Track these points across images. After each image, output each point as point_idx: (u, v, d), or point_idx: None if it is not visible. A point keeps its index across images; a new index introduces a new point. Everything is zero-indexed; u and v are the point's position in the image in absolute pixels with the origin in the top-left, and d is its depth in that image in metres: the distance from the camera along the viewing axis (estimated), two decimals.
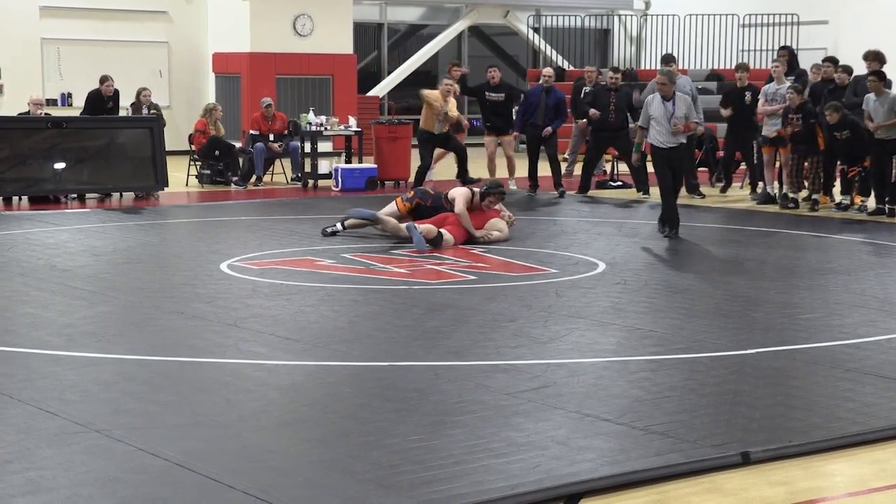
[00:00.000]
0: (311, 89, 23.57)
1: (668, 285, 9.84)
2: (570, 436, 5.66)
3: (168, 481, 5.02)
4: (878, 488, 5.16)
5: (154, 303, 8.93)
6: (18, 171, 15.93)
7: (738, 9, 26.99)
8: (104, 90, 17.37)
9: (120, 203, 16.00)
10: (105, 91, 17.37)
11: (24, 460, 5.25)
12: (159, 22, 23.70)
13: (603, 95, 16.90)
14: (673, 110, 12.56)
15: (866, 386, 6.63)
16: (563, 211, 15.24)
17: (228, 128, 20.42)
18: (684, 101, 12.78)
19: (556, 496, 4.93)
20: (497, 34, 29.97)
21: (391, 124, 18.50)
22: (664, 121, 12.54)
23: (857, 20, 24.87)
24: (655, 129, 12.62)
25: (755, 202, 15.97)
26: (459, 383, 6.58)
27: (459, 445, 5.49)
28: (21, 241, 12.14)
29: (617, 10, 29.77)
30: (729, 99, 16.42)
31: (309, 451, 5.48)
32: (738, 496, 5.00)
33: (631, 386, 6.61)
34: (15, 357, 7.19)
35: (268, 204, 16.03)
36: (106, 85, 17.41)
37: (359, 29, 26.10)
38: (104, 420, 5.84)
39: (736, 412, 6.07)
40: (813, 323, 8.38)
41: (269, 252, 11.43)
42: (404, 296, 9.22)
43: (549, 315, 8.49)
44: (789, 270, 10.65)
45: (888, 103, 13.99)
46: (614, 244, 12.16)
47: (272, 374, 6.86)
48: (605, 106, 16.73)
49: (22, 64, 22.23)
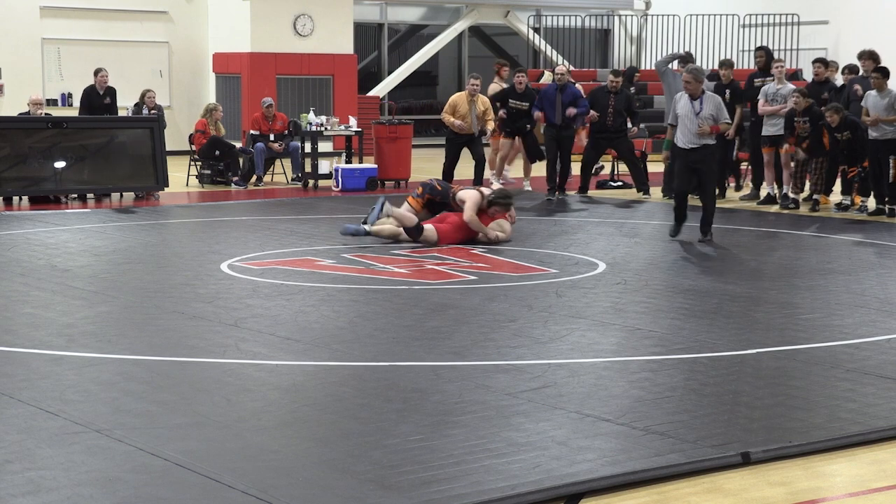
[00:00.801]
0: (312, 89, 23.57)
1: (668, 285, 9.84)
2: (570, 436, 5.66)
3: (168, 481, 5.02)
4: (879, 489, 5.16)
5: (154, 303, 8.94)
6: (19, 171, 15.94)
7: (738, 9, 27.00)
8: (98, 81, 17.39)
9: (120, 203, 16.01)
10: (100, 82, 17.39)
11: (25, 460, 5.25)
12: (159, 22, 23.71)
13: (602, 97, 16.85)
14: (700, 109, 12.10)
15: (866, 386, 6.63)
16: (563, 211, 15.24)
17: (229, 128, 20.44)
18: (712, 100, 12.26)
19: (556, 496, 4.93)
20: (497, 34, 29.98)
21: (391, 124, 18.51)
22: (688, 120, 12.15)
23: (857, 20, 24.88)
24: (679, 128, 12.27)
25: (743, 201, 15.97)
26: (460, 383, 6.58)
27: (460, 445, 5.49)
28: (21, 241, 12.14)
29: (617, 10, 29.78)
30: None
31: (309, 451, 5.48)
32: (738, 496, 5.00)
33: (631, 386, 6.61)
34: (15, 357, 7.19)
35: (268, 204, 16.03)
36: (100, 76, 17.43)
37: (359, 29, 26.10)
38: (104, 420, 5.84)
39: (736, 412, 6.08)
40: (813, 323, 8.38)
41: (269, 252, 11.44)
42: (405, 296, 9.22)
43: (550, 315, 8.49)
44: (789, 270, 10.66)
45: (889, 99, 14.00)
46: (614, 244, 12.16)
47: (272, 374, 6.86)
48: (603, 108, 16.70)
49: (22, 64, 22.24)
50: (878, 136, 14.11)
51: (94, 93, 17.38)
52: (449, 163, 16.92)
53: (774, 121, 15.42)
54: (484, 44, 30.09)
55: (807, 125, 14.85)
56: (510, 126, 17.33)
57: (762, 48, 16.90)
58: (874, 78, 14.27)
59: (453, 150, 16.90)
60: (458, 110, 16.68)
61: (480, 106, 16.76)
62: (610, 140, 16.92)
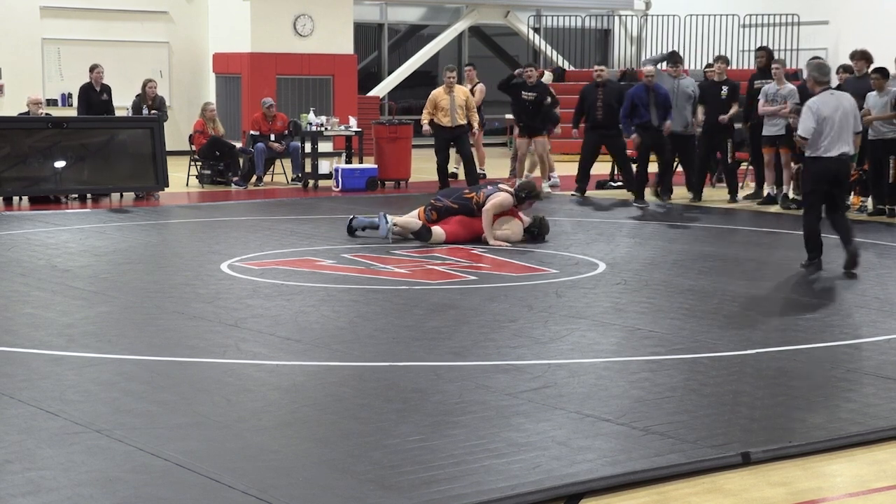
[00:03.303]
0: (312, 89, 23.57)
1: (668, 285, 9.84)
2: (570, 436, 5.66)
3: (168, 481, 5.02)
4: (879, 489, 5.16)
5: (154, 303, 8.94)
6: (19, 171, 15.94)
7: (738, 9, 26.99)
8: (94, 78, 17.41)
9: (120, 203, 16.01)
10: (96, 79, 17.41)
11: (25, 460, 5.25)
12: (159, 22, 23.70)
13: (590, 93, 16.77)
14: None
15: (866, 386, 6.63)
16: (563, 211, 15.24)
17: (229, 128, 20.43)
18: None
19: (556, 496, 4.93)
20: (497, 34, 29.96)
21: (391, 124, 18.50)
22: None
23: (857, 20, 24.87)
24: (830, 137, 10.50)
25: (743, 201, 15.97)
26: (460, 383, 6.58)
27: (460, 445, 5.49)
28: (21, 241, 12.14)
29: (617, 10, 29.76)
30: (706, 94, 16.27)
31: (309, 451, 5.48)
32: (739, 496, 5.01)
33: (631, 386, 6.61)
34: (15, 357, 7.19)
35: (268, 204, 16.03)
36: (96, 72, 17.45)
37: (359, 29, 26.09)
38: (104, 420, 5.84)
39: (736, 412, 6.08)
40: (813, 323, 8.38)
41: (269, 252, 11.44)
42: (405, 296, 9.22)
43: (550, 315, 8.49)
44: (789, 270, 10.65)
45: (889, 98, 14.00)
46: (614, 244, 12.16)
47: (273, 374, 6.86)
48: (592, 102, 16.61)
49: (22, 64, 22.23)
50: (877, 137, 14.11)
51: (91, 89, 17.41)
52: (442, 160, 16.92)
53: (775, 121, 15.41)
54: (484, 44, 30.07)
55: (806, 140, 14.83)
56: (525, 122, 17.32)
57: (763, 48, 16.86)
58: (874, 78, 14.26)
59: (442, 147, 16.93)
60: (439, 105, 16.68)
61: (461, 96, 16.78)
62: (602, 137, 16.76)
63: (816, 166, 10.43)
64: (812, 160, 10.46)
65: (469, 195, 12.29)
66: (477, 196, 12.20)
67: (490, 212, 11.99)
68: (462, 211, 12.15)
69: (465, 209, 12.15)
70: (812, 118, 10.27)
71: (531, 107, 17.23)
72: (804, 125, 10.34)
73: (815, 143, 10.33)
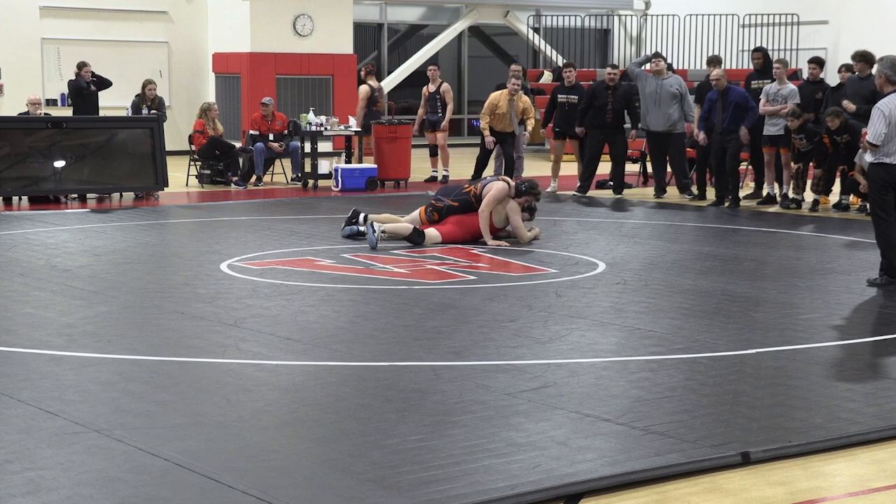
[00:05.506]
0: (312, 89, 23.57)
1: (668, 285, 9.84)
2: (570, 436, 5.66)
3: (168, 481, 5.02)
4: (878, 488, 5.16)
5: (154, 303, 8.94)
6: (18, 171, 15.94)
7: (738, 9, 27.00)
8: (83, 76, 17.52)
9: (120, 203, 16.00)
10: (84, 76, 17.53)
11: (24, 460, 5.25)
12: (159, 22, 23.70)
13: (601, 93, 16.78)
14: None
15: (866, 386, 6.63)
16: (563, 211, 15.24)
17: (228, 128, 20.42)
18: None
19: (556, 496, 4.93)
20: (497, 34, 29.98)
21: (391, 124, 18.51)
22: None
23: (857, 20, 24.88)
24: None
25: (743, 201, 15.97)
26: (460, 383, 6.58)
27: (459, 445, 5.49)
28: (21, 241, 12.14)
29: (617, 10, 29.77)
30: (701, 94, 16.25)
31: (309, 451, 5.48)
32: (738, 496, 5.01)
33: (631, 386, 6.61)
34: (15, 357, 7.19)
35: (268, 204, 16.03)
36: (84, 70, 17.56)
37: (359, 29, 26.10)
38: (104, 420, 5.84)
39: (736, 412, 6.08)
40: (813, 323, 8.37)
41: (269, 252, 11.43)
42: (405, 296, 9.22)
43: (550, 315, 8.49)
44: (789, 270, 10.66)
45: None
46: (614, 244, 12.17)
47: (272, 374, 6.86)
48: (602, 104, 16.63)
49: (22, 64, 22.23)
50: None
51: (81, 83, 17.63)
52: (482, 155, 16.88)
53: (775, 121, 15.41)
54: (484, 44, 30.08)
55: (803, 141, 14.84)
56: (561, 126, 17.24)
57: (759, 49, 16.85)
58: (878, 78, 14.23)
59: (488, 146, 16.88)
60: (498, 108, 16.64)
61: (520, 104, 16.72)
62: (606, 136, 16.80)
63: (881, 172, 9.59)
64: (876, 166, 9.62)
65: (468, 189, 12.33)
66: (474, 188, 12.23)
67: (486, 212, 11.99)
68: (463, 207, 12.17)
69: (465, 205, 12.18)
70: (884, 122, 9.40)
71: (567, 108, 17.15)
72: (875, 130, 9.44)
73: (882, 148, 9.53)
